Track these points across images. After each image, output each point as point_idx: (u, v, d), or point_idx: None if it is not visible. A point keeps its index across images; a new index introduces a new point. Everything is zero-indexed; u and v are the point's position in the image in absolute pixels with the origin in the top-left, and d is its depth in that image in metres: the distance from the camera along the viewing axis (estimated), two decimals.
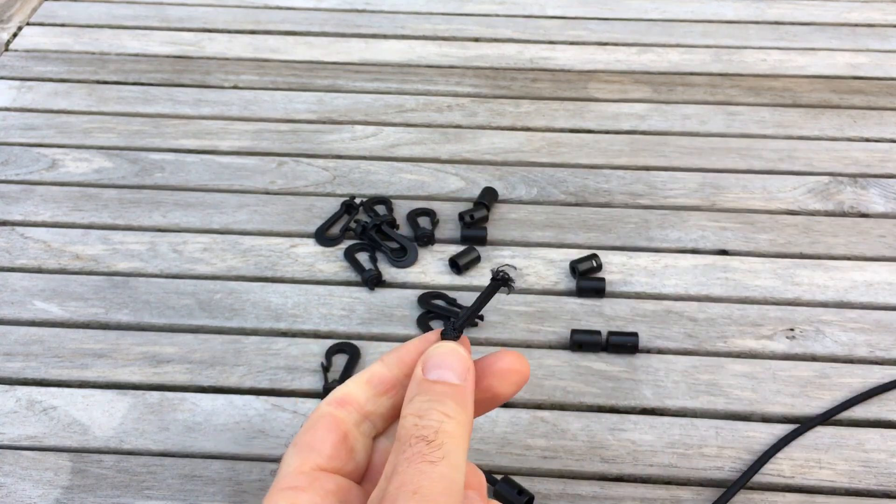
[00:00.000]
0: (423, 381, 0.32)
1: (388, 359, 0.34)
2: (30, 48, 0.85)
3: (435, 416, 0.31)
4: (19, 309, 0.59)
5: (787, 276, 0.62)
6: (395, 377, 0.34)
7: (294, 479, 0.32)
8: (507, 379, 0.33)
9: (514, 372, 0.34)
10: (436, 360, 0.33)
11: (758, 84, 0.80)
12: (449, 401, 0.31)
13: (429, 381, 0.32)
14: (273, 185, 0.69)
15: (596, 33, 0.87)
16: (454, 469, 0.30)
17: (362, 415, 0.33)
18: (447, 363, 0.32)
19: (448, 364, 0.32)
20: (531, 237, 0.65)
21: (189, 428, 0.53)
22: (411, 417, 0.31)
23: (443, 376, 0.32)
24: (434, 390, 0.32)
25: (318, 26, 0.88)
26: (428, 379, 0.32)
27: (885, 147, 0.73)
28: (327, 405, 0.33)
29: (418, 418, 0.31)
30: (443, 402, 0.31)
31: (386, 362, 0.34)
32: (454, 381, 0.32)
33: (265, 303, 0.60)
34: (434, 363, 0.32)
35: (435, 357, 0.33)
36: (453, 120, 0.76)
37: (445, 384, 0.32)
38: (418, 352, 0.34)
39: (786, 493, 0.50)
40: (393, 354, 0.34)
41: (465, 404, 0.32)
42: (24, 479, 0.50)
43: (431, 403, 0.31)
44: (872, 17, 0.89)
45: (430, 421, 0.30)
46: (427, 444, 0.30)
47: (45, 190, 0.69)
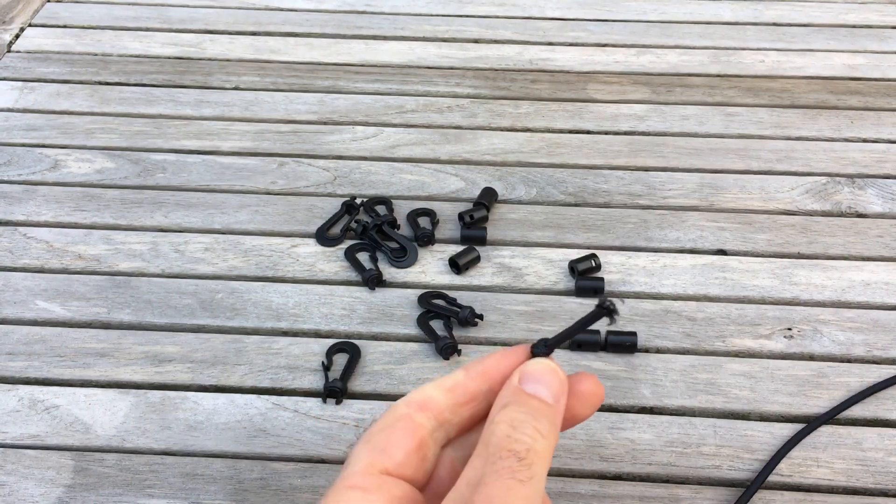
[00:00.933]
0: (520, 391, 0.32)
1: (472, 369, 0.33)
2: (32, 49, 0.85)
3: (529, 430, 0.30)
4: (22, 308, 0.60)
5: (784, 275, 0.62)
6: (477, 389, 0.33)
7: (362, 479, 0.31)
8: (587, 401, 0.33)
9: (593, 394, 0.34)
10: (535, 374, 0.32)
11: (756, 85, 0.81)
12: (544, 419, 0.31)
13: (526, 392, 0.32)
14: (274, 186, 0.70)
15: (595, 35, 0.88)
16: (537, 492, 0.29)
17: (439, 422, 0.32)
18: (546, 380, 0.32)
19: (546, 381, 0.32)
20: (530, 237, 0.65)
21: (190, 427, 0.53)
22: (505, 426, 0.30)
23: (539, 392, 0.32)
24: (530, 404, 0.31)
25: (318, 28, 0.88)
26: (525, 391, 0.32)
27: (882, 147, 0.74)
28: (407, 406, 0.32)
29: (512, 429, 0.30)
30: (538, 419, 0.31)
31: (469, 373, 0.33)
32: (549, 401, 0.32)
33: (266, 302, 0.60)
34: (533, 377, 0.32)
35: (534, 371, 0.32)
36: (453, 121, 0.76)
37: (541, 401, 0.31)
38: (504, 366, 0.33)
39: (784, 491, 0.50)
40: (477, 366, 0.33)
41: (556, 425, 0.31)
42: (26, 478, 0.50)
43: (527, 417, 0.31)
44: (870, 18, 0.90)
45: (523, 435, 0.30)
46: (518, 460, 0.29)
47: (48, 190, 0.69)
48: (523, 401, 0.31)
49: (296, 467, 0.51)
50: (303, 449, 0.52)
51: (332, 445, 0.52)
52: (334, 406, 0.54)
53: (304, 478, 0.50)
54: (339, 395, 0.54)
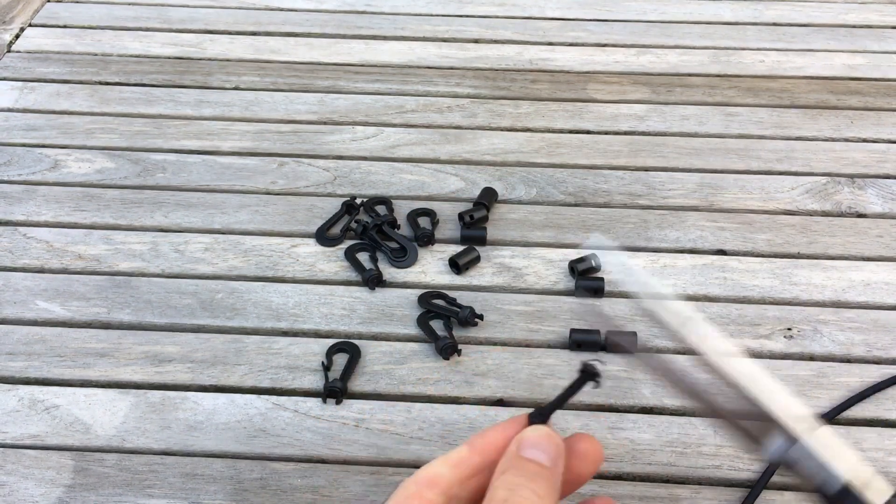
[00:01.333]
0: (518, 457, 0.33)
1: (475, 443, 0.34)
2: (32, 49, 0.85)
3: (525, 493, 0.31)
4: (22, 308, 0.60)
5: (784, 275, 0.62)
6: (481, 462, 0.34)
7: None
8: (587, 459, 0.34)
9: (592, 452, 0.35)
10: (532, 440, 0.33)
11: (756, 85, 0.81)
12: (541, 481, 0.32)
13: (523, 458, 0.33)
14: (274, 186, 0.70)
15: (595, 35, 0.88)
16: None
17: (448, 497, 0.33)
18: (542, 445, 0.33)
19: (543, 446, 0.33)
20: (530, 237, 0.65)
21: (190, 427, 0.53)
22: (503, 490, 0.31)
23: (537, 457, 0.33)
24: (527, 468, 0.32)
25: (318, 28, 0.88)
26: (523, 456, 0.33)
27: (882, 147, 0.74)
28: (416, 485, 0.33)
29: (509, 492, 0.31)
30: (535, 482, 0.32)
31: (473, 447, 0.34)
32: (547, 464, 0.33)
33: (266, 302, 0.60)
34: (530, 443, 0.33)
35: (531, 438, 0.33)
36: (453, 121, 0.76)
37: (538, 465, 0.33)
38: (505, 436, 0.34)
39: (783, 491, 0.50)
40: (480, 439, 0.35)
41: (555, 486, 0.32)
42: (26, 477, 0.50)
43: (524, 480, 0.32)
44: (870, 18, 0.90)
45: (520, 498, 0.31)
46: None
47: (48, 190, 0.69)
48: (520, 465, 0.32)
49: (296, 467, 0.51)
50: (303, 449, 0.52)
51: (332, 445, 0.52)
52: (334, 406, 0.54)
53: (304, 478, 0.50)
54: (339, 395, 0.54)
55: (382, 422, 0.53)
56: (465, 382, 0.56)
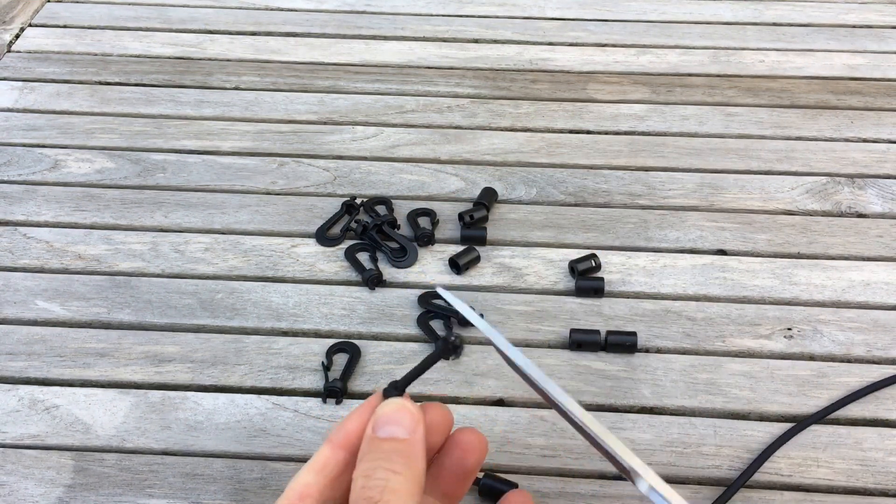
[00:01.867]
0: (373, 439, 0.33)
1: (334, 439, 0.34)
2: (32, 49, 0.85)
3: (381, 474, 0.31)
4: (22, 308, 0.60)
5: (784, 275, 0.62)
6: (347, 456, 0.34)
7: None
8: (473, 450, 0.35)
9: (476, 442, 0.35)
10: (385, 417, 0.33)
11: (756, 85, 0.81)
12: (396, 457, 0.32)
13: (378, 439, 0.33)
14: (274, 186, 0.70)
15: (595, 35, 0.88)
16: None
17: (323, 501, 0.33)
18: (396, 419, 0.33)
19: (397, 419, 0.33)
20: (530, 237, 0.65)
21: (190, 427, 0.53)
22: (360, 479, 0.31)
23: (392, 433, 0.33)
24: (382, 448, 0.32)
25: (318, 28, 0.88)
26: (377, 437, 0.33)
27: (882, 147, 0.74)
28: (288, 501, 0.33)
29: (365, 479, 0.31)
30: (390, 460, 0.32)
31: (333, 444, 0.34)
32: (403, 436, 0.32)
33: (266, 302, 0.60)
34: (383, 420, 0.33)
35: (384, 415, 0.33)
36: (453, 121, 0.76)
37: (394, 440, 0.32)
38: (362, 422, 0.34)
39: (783, 491, 0.50)
40: (339, 433, 0.34)
41: (414, 457, 0.32)
42: (26, 477, 0.50)
43: (379, 462, 0.32)
44: (870, 18, 0.90)
45: (376, 481, 0.31)
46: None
47: (48, 190, 0.69)
48: (376, 447, 0.32)
49: (296, 467, 0.51)
50: (303, 449, 0.52)
51: None
52: (334, 406, 0.54)
53: None
54: (339, 395, 0.54)
55: None
56: (465, 382, 0.56)
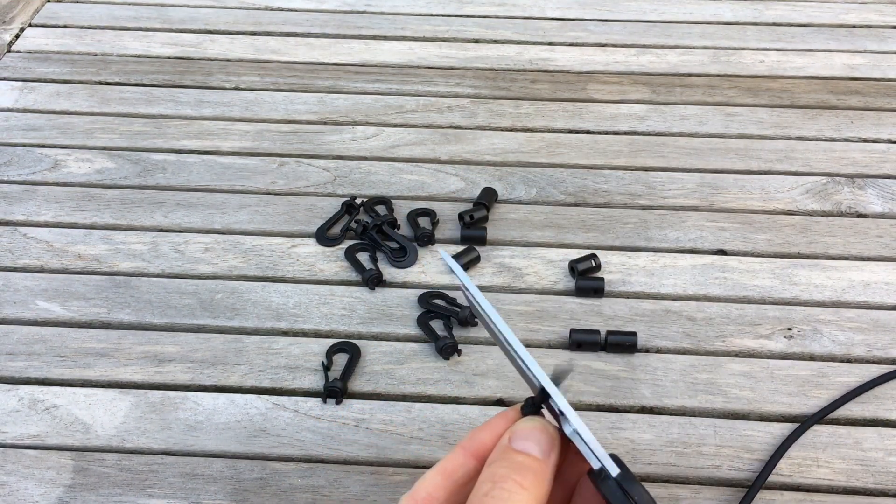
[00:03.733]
0: (507, 448, 0.32)
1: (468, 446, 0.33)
2: (32, 49, 0.85)
3: (509, 485, 0.31)
4: (22, 308, 0.60)
5: (784, 275, 0.62)
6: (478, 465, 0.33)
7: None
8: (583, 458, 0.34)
9: None
10: (524, 432, 0.32)
11: (756, 85, 0.81)
12: (528, 473, 0.31)
13: (513, 449, 0.32)
14: (274, 186, 0.70)
15: (595, 35, 0.88)
16: None
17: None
18: (534, 436, 0.32)
19: (535, 438, 0.32)
20: (530, 237, 0.65)
21: (190, 427, 0.53)
22: (486, 483, 0.31)
23: (527, 448, 0.32)
24: (515, 459, 0.32)
25: (318, 28, 0.88)
26: (512, 448, 0.32)
27: (882, 147, 0.74)
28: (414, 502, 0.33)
29: (493, 484, 0.31)
30: (521, 473, 0.31)
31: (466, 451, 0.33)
32: (537, 455, 0.32)
33: (266, 302, 0.60)
34: (521, 434, 0.32)
35: (523, 429, 0.33)
36: (453, 121, 0.76)
37: (528, 456, 0.32)
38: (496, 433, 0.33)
39: (784, 491, 0.50)
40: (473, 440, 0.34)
41: (542, 479, 0.32)
42: (26, 477, 0.50)
43: (509, 471, 0.31)
44: (870, 18, 0.90)
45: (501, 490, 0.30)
46: None
47: (48, 190, 0.69)
48: (508, 457, 0.32)
49: (296, 467, 0.51)
50: (303, 449, 0.52)
51: (332, 445, 0.52)
52: (334, 406, 0.54)
53: (304, 478, 0.50)
54: (339, 394, 0.54)
55: (382, 422, 0.53)
56: (465, 382, 0.56)
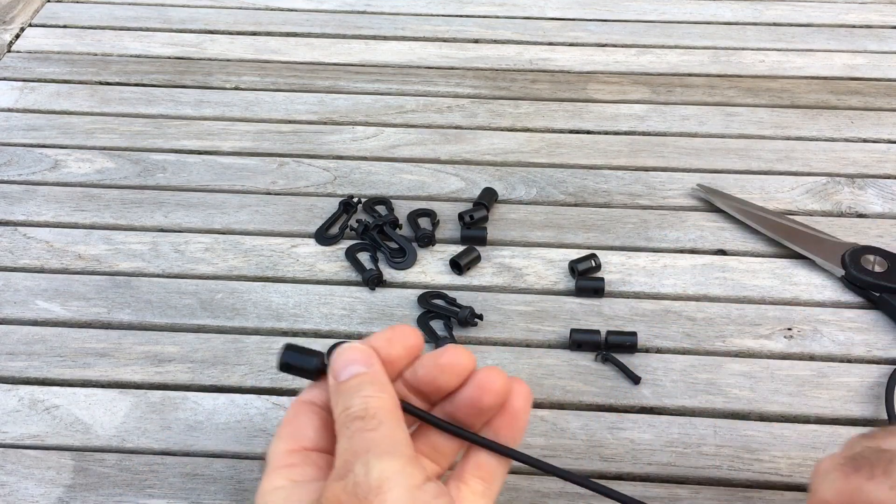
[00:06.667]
0: (338, 385, 0.35)
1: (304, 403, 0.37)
2: (32, 49, 0.85)
3: (357, 400, 0.34)
4: (22, 308, 0.60)
5: (784, 275, 0.62)
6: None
7: (286, 458, 0.35)
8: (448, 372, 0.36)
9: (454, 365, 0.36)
10: (340, 362, 0.35)
11: (756, 85, 0.81)
12: (365, 386, 0.34)
13: (342, 382, 0.35)
14: (274, 186, 0.70)
15: (595, 35, 0.88)
16: (395, 430, 0.33)
17: None
18: (350, 358, 0.35)
19: (351, 359, 0.35)
20: (530, 237, 0.65)
21: (191, 427, 0.53)
22: (342, 414, 0.34)
23: (351, 371, 0.35)
24: (349, 385, 0.34)
25: (318, 28, 0.88)
26: (341, 381, 0.35)
27: (882, 147, 0.74)
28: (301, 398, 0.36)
29: (346, 409, 0.34)
30: (361, 389, 0.34)
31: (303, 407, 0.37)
32: (362, 370, 0.35)
33: (266, 302, 0.60)
34: (340, 366, 0.35)
35: (338, 361, 0.35)
36: (453, 121, 0.76)
37: (356, 377, 0.35)
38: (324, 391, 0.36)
39: (784, 491, 0.50)
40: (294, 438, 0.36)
41: (381, 384, 0.35)
42: (26, 477, 0.50)
43: (351, 395, 0.34)
44: (870, 18, 0.90)
45: (355, 406, 0.33)
46: (362, 420, 0.33)
47: (48, 190, 0.69)
48: (343, 389, 0.34)
49: None
50: None
51: None
52: None
53: None
54: None
55: None
56: None
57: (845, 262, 0.61)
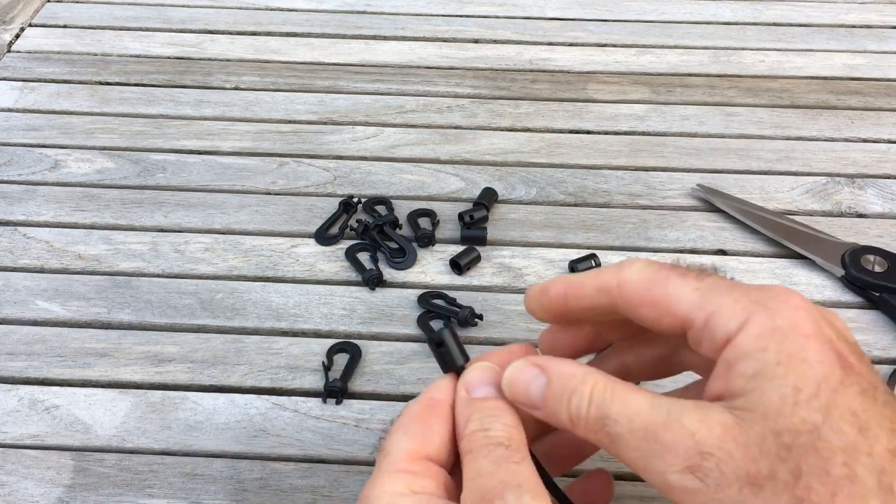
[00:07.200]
0: (472, 400, 0.33)
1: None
2: (32, 49, 0.85)
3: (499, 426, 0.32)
4: (22, 308, 0.60)
5: (784, 275, 0.62)
6: None
7: (408, 462, 0.32)
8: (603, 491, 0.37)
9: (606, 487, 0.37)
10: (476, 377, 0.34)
11: (756, 85, 0.81)
12: (505, 414, 0.32)
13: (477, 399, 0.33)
14: (274, 186, 0.70)
15: (595, 35, 0.88)
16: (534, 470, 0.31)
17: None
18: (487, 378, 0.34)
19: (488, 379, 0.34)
20: (530, 237, 0.65)
21: (190, 427, 0.53)
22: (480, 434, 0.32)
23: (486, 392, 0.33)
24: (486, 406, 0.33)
25: (318, 28, 0.88)
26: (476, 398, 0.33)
27: (882, 147, 0.74)
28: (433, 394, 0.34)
29: (485, 431, 0.32)
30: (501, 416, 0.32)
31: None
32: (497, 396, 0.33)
33: (266, 302, 0.60)
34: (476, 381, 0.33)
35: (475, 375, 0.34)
36: (453, 121, 0.76)
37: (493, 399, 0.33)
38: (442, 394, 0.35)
39: None
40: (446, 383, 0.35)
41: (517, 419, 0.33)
42: (26, 477, 0.50)
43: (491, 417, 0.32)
44: (870, 18, 0.90)
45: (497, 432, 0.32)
46: (506, 448, 0.31)
47: (48, 190, 0.69)
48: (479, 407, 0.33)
49: (296, 467, 0.51)
50: (303, 449, 0.52)
51: (332, 445, 0.52)
52: (334, 406, 0.54)
53: (304, 478, 0.50)
54: (339, 394, 0.54)
55: (382, 422, 0.53)
56: None
57: (845, 262, 0.61)
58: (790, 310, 0.29)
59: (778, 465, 0.26)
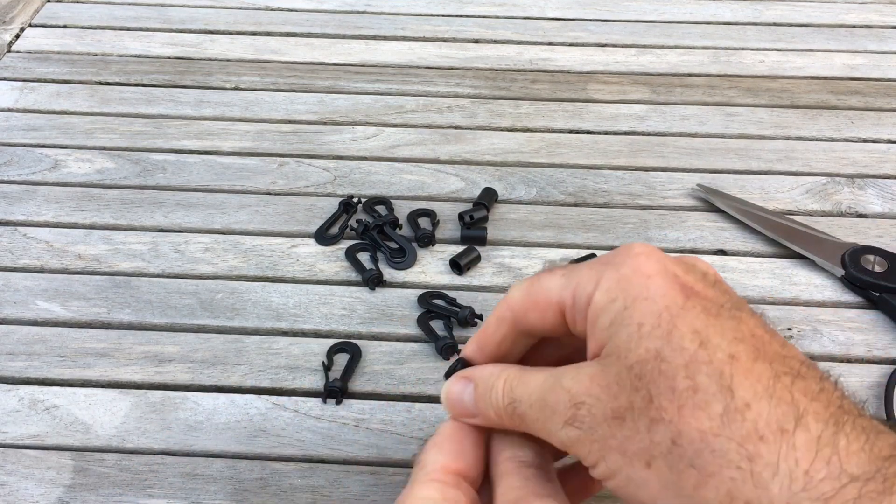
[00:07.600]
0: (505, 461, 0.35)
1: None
2: (32, 49, 0.85)
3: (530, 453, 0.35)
4: (22, 309, 0.60)
5: (784, 275, 0.62)
6: None
7: (442, 473, 0.34)
8: None
9: None
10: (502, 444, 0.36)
11: (756, 85, 0.81)
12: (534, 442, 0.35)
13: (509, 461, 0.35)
14: (274, 186, 0.70)
15: (595, 35, 0.88)
16: (559, 488, 0.34)
17: None
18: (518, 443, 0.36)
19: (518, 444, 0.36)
20: (530, 237, 0.65)
21: (190, 427, 0.53)
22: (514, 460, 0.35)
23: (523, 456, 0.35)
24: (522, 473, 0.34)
25: (318, 28, 0.88)
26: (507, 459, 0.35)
27: (882, 147, 0.74)
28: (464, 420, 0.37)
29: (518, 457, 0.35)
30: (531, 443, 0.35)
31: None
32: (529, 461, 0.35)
33: (266, 302, 0.60)
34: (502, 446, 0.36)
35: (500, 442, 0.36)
36: (453, 121, 0.76)
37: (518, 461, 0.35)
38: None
39: None
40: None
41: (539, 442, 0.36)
42: (26, 477, 0.50)
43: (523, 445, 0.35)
44: (870, 18, 0.90)
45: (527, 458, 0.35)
46: (536, 469, 0.34)
47: (48, 190, 0.69)
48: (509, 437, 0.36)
49: (296, 467, 0.51)
50: (303, 449, 0.52)
51: (332, 445, 0.52)
52: (334, 406, 0.54)
53: (304, 478, 0.50)
54: (339, 395, 0.54)
55: (382, 422, 0.53)
56: None
57: (845, 262, 0.61)
58: (632, 258, 0.32)
59: (633, 396, 0.29)
